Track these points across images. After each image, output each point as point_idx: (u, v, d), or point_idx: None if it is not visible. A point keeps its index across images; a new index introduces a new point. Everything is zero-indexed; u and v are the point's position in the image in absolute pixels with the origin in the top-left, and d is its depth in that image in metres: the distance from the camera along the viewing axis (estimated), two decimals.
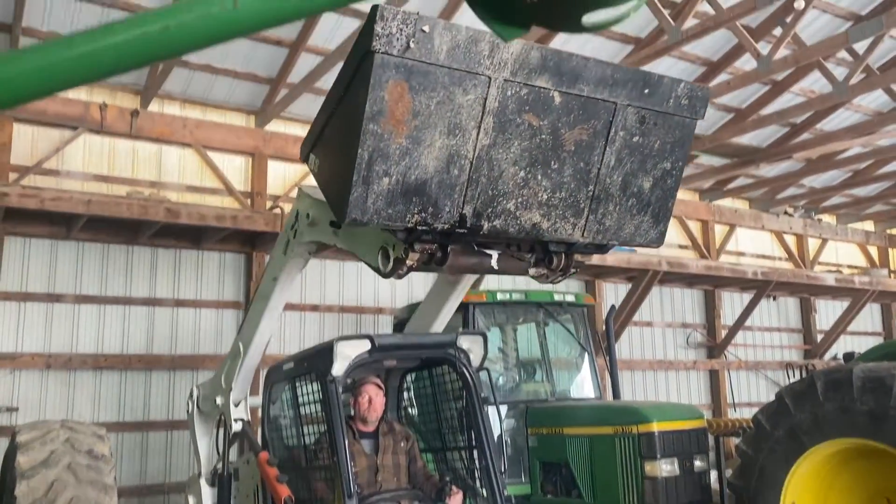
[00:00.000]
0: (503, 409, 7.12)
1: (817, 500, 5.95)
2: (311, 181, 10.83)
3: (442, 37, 3.26)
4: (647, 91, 3.88)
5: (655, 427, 6.56)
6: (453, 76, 3.37)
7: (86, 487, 5.33)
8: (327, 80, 9.63)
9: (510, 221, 3.78)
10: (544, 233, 3.90)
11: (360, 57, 3.25)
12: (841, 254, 16.65)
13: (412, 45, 3.19)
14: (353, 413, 5.20)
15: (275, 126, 10.22)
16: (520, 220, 3.80)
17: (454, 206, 3.60)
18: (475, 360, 5.18)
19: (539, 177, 3.78)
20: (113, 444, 7.34)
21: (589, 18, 0.91)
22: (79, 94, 8.98)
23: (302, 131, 10.40)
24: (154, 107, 9.41)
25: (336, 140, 3.62)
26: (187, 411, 6.45)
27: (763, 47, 8.94)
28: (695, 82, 4.25)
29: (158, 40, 0.84)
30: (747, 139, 12.54)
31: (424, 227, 3.56)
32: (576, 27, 0.92)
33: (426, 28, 3.21)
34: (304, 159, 3.95)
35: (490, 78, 3.44)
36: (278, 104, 9.79)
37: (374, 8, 3.09)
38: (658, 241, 4.34)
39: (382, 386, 5.28)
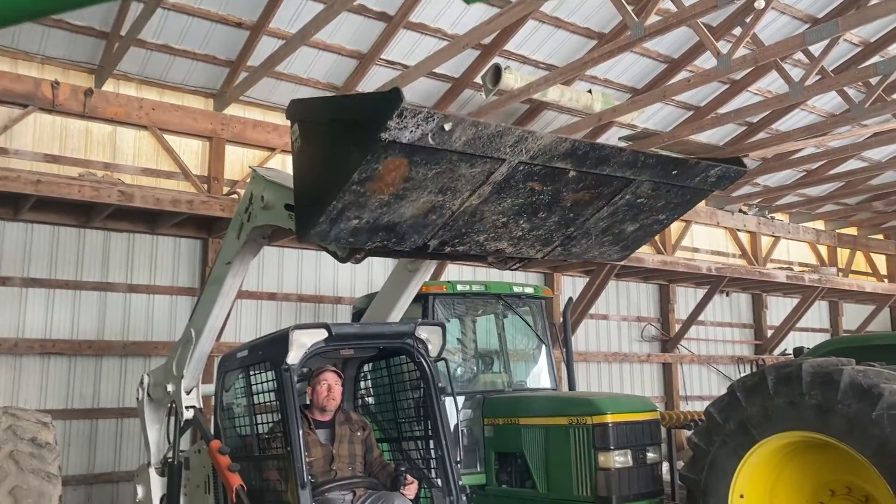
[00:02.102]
0: (460, 399, 7.11)
1: (766, 491, 6.08)
2: (268, 164, 10.55)
3: (465, 132, 2.85)
4: (675, 173, 3.53)
5: (609, 418, 6.62)
6: (464, 157, 2.98)
7: (28, 476, 5.17)
8: (288, 65, 9.49)
9: (474, 248, 3.60)
10: (505, 255, 3.80)
11: (361, 122, 2.83)
12: (792, 252, 17.03)
13: (428, 138, 2.79)
14: (308, 402, 5.15)
15: (233, 110, 10.02)
16: (485, 248, 3.63)
17: (421, 237, 3.42)
18: (433, 350, 5.16)
19: (521, 222, 3.51)
20: (60, 431, 7.15)
21: None
22: (30, 70, 8.69)
23: (262, 115, 10.24)
24: (109, 86, 9.15)
25: (320, 155, 3.26)
26: (137, 399, 6.30)
27: (723, 46, 9.05)
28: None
29: None
30: (705, 137, 12.72)
31: (384, 251, 3.45)
32: None
33: (448, 126, 2.79)
34: (289, 119, 3.52)
35: (505, 160, 3.06)
36: (237, 87, 9.61)
37: (397, 95, 2.62)
38: (619, 260, 4.21)
39: (341, 374, 5.25)
